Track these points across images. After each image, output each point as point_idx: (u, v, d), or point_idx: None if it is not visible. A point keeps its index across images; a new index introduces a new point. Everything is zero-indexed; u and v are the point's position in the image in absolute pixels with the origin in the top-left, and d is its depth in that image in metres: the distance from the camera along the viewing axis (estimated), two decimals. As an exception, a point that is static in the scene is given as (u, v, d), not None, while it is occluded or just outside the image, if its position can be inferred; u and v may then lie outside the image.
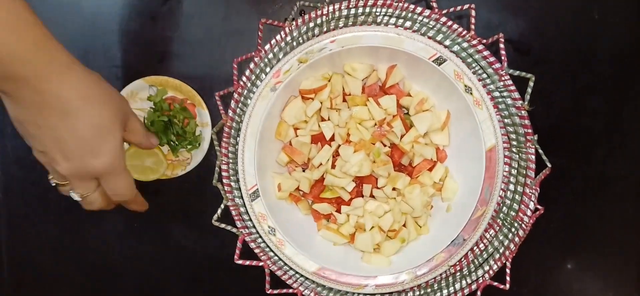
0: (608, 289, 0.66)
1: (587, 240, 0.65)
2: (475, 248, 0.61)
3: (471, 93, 0.58)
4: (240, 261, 0.62)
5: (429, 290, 0.62)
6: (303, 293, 0.62)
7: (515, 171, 0.62)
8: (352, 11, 0.60)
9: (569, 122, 0.65)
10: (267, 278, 0.62)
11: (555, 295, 0.66)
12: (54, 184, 0.55)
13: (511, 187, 0.61)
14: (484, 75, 0.61)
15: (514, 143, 0.61)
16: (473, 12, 0.61)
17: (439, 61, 0.58)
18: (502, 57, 0.61)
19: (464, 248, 0.58)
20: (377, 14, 0.60)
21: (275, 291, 0.62)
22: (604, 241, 0.65)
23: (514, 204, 0.61)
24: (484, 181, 0.58)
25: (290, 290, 0.62)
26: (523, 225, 0.61)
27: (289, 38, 0.61)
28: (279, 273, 0.62)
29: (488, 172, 0.58)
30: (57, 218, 0.67)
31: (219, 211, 0.63)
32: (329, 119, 0.61)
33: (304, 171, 0.63)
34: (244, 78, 0.62)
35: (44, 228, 0.67)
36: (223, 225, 0.63)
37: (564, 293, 0.66)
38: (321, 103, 0.61)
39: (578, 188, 0.65)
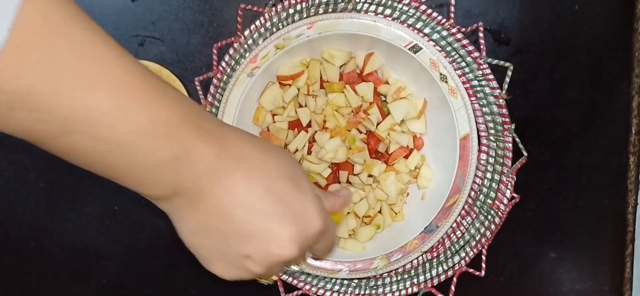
0: (582, 279, 0.67)
1: (562, 230, 0.66)
2: (452, 235, 0.62)
3: (446, 82, 0.58)
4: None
5: (405, 275, 0.63)
6: (281, 277, 0.62)
7: (493, 159, 0.62)
8: (332, -3, 0.60)
9: (546, 113, 0.65)
10: (245, 262, 0.63)
11: (530, 283, 0.67)
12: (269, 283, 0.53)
13: (488, 175, 0.62)
14: (463, 64, 0.61)
15: (492, 132, 0.62)
16: (453, 0, 0.61)
17: (415, 49, 0.58)
18: (481, 46, 0.62)
19: (437, 235, 0.59)
20: (357, 1, 0.61)
21: (253, 275, 0.63)
22: (578, 231, 0.66)
23: (491, 192, 0.62)
24: (458, 169, 0.59)
25: (268, 274, 0.63)
26: (499, 213, 0.62)
27: (268, 24, 0.61)
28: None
29: (462, 160, 0.59)
30: (36, 198, 0.67)
31: (198, 195, 0.64)
32: (306, 105, 0.62)
33: (281, 157, 0.63)
34: (223, 64, 0.62)
35: (22, 208, 0.67)
36: (202, 209, 0.64)
37: (539, 281, 0.67)
38: (298, 89, 0.61)
39: (554, 178, 0.66)
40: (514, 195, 0.62)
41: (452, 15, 0.61)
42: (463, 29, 0.61)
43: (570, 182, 0.66)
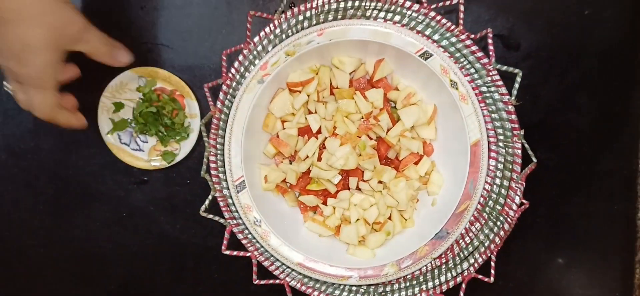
0: (592, 285, 0.66)
1: (572, 236, 0.66)
2: (461, 241, 0.62)
3: (457, 88, 0.58)
4: (227, 252, 0.63)
5: (414, 281, 0.62)
6: (289, 283, 0.62)
7: (502, 165, 0.62)
8: (342, 4, 0.60)
9: (556, 118, 0.65)
10: (254, 268, 0.63)
11: (539, 290, 0.66)
12: None
13: (497, 181, 0.62)
14: (472, 70, 0.61)
15: (501, 138, 0.61)
16: (462, 7, 0.61)
17: (425, 56, 0.58)
18: (490, 52, 0.61)
19: (448, 242, 0.58)
20: (367, 7, 0.60)
21: (262, 282, 0.63)
22: (588, 237, 0.66)
23: (500, 198, 0.62)
24: (469, 175, 0.59)
25: (277, 281, 0.63)
26: (508, 219, 0.61)
27: (278, 30, 0.61)
28: (266, 264, 0.62)
29: (472, 167, 0.58)
30: (45, 205, 0.67)
31: (207, 202, 0.63)
32: (316, 112, 0.62)
33: (290, 163, 0.63)
34: (233, 70, 0.62)
35: (32, 214, 0.67)
36: (211, 216, 0.64)
37: (549, 288, 0.66)
38: (308, 96, 0.61)
39: (564, 183, 0.65)
40: (524, 201, 0.62)
41: (461, 21, 0.61)
42: (472, 36, 0.61)
43: (580, 187, 0.65)
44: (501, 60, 0.63)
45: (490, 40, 0.61)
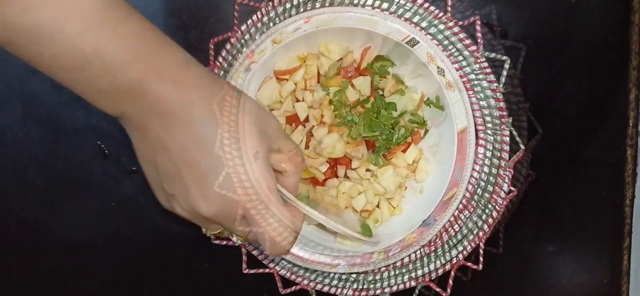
0: (581, 271, 0.67)
1: (560, 223, 0.66)
2: (449, 229, 0.62)
3: (444, 76, 0.58)
4: (217, 241, 0.63)
5: (403, 269, 0.63)
6: (279, 272, 0.62)
7: (490, 153, 0.62)
8: (329, -8, 0.60)
9: (543, 106, 0.65)
10: (244, 257, 0.63)
11: (528, 276, 0.67)
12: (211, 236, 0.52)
13: (486, 168, 0.62)
14: (460, 58, 0.61)
15: (490, 125, 0.62)
16: (449, -6, 0.61)
17: (412, 43, 0.58)
18: (478, 40, 0.61)
19: (435, 229, 0.59)
20: (354, -5, 0.61)
21: (252, 271, 0.63)
22: (576, 224, 0.66)
23: (489, 186, 0.62)
24: (456, 162, 0.59)
25: (267, 270, 0.63)
26: (497, 207, 0.62)
27: (265, 18, 0.61)
28: (255, 252, 0.63)
29: (459, 154, 0.59)
30: (34, 195, 0.67)
31: (197, 191, 0.64)
32: (303, 100, 0.62)
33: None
34: (220, 59, 0.62)
35: (20, 205, 0.68)
36: (200, 205, 0.64)
37: (538, 275, 0.67)
38: (295, 84, 0.61)
39: (551, 171, 0.66)
40: (512, 188, 0.62)
41: (449, 8, 0.61)
42: (460, 23, 0.61)
43: (568, 175, 0.66)
44: (488, 47, 0.63)
45: (478, 28, 0.61)
